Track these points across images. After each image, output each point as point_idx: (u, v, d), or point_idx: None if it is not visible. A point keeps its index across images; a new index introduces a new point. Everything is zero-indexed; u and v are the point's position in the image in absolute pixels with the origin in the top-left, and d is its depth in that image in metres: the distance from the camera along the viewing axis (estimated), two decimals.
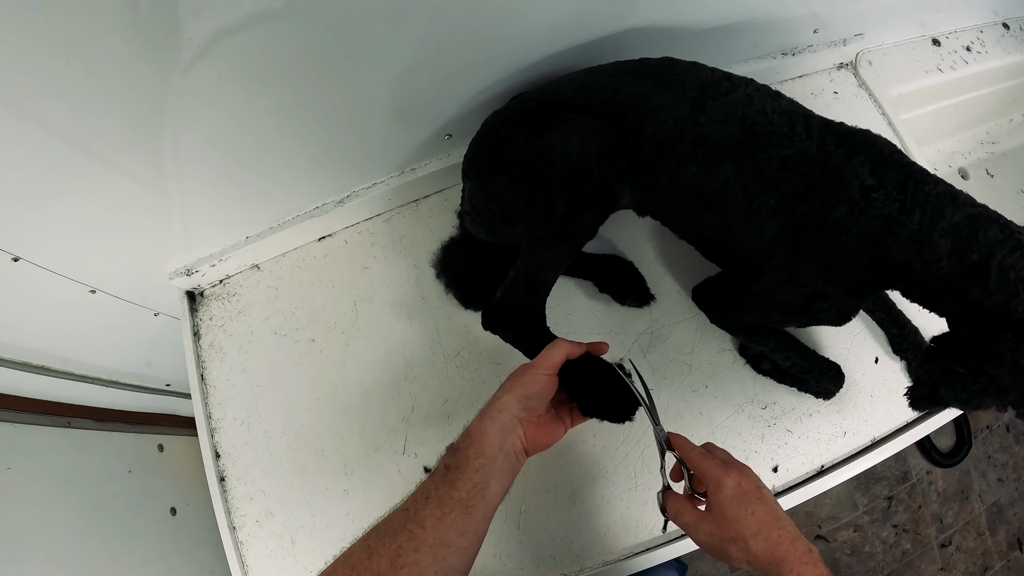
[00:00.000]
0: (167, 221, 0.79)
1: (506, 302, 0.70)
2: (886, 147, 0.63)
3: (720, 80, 0.67)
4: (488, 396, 0.60)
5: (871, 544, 1.44)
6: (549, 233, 0.66)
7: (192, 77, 0.58)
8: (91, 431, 1.12)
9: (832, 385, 0.78)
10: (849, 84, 1.02)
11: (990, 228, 0.56)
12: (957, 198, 0.59)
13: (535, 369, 0.58)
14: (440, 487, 0.52)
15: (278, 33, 0.57)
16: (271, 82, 0.63)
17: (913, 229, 0.58)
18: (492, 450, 0.54)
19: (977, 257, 0.55)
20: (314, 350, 0.85)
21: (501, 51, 0.73)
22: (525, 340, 0.71)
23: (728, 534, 0.51)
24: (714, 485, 0.53)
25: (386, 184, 0.85)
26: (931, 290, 0.60)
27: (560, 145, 0.64)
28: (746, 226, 0.66)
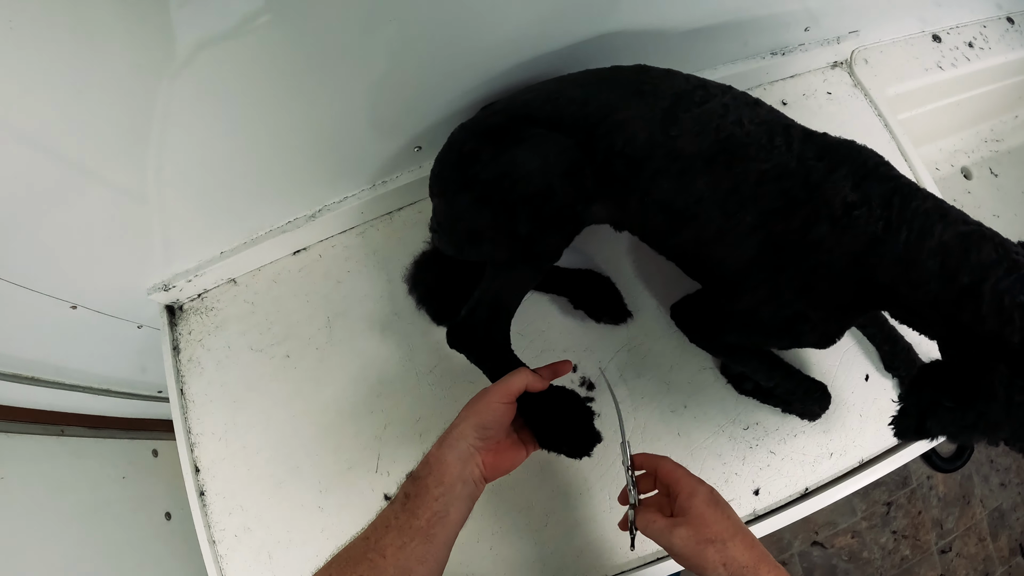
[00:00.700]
0: (142, 237, 0.77)
1: (470, 322, 0.66)
2: (871, 159, 0.57)
3: (694, 89, 0.61)
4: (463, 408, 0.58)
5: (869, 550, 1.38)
6: (511, 255, 0.62)
7: (167, 93, 0.56)
8: (84, 438, 1.10)
9: (818, 407, 0.73)
10: (843, 84, 0.95)
11: (983, 248, 0.50)
12: (948, 215, 0.53)
13: (490, 397, 0.56)
14: (400, 515, 0.51)
15: (249, 51, 0.55)
16: (239, 99, 0.60)
17: (899, 249, 0.52)
18: (451, 478, 0.52)
19: (968, 280, 0.49)
20: (289, 366, 0.82)
21: (468, 61, 0.68)
22: (488, 362, 0.67)
23: (706, 535, 0.50)
24: (689, 491, 0.52)
25: (358, 198, 0.81)
26: (919, 313, 0.54)
27: (523, 164, 0.59)
28: (723, 244, 0.61)
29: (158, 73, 0.54)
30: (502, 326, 0.66)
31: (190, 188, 0.71)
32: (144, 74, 0.53)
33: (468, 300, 0.70)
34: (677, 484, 0.54)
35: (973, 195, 1.16)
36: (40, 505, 0.99)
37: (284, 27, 0.54)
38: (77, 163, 0.61)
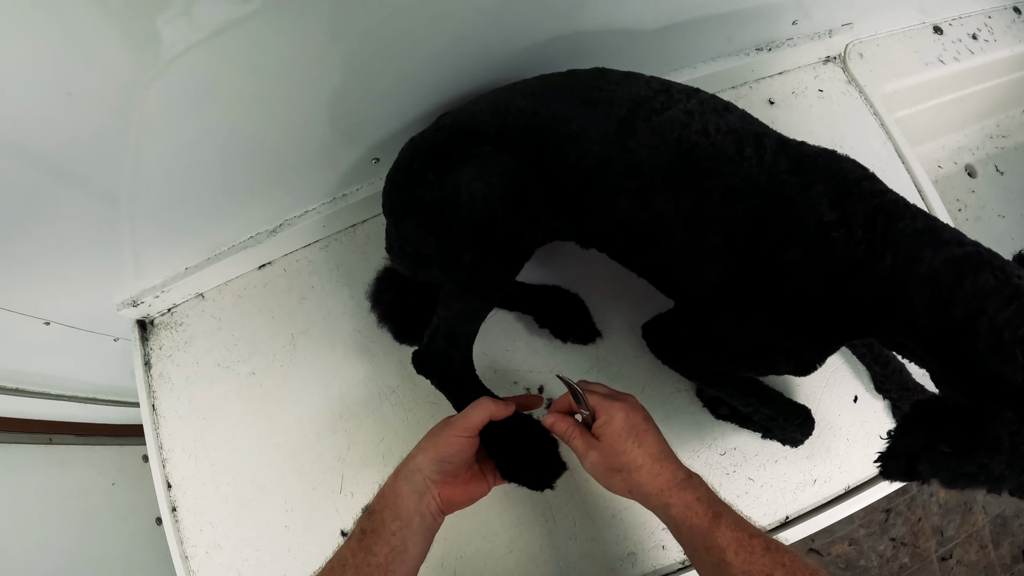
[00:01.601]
0: (109, 254, 0.73)
1: (432, 350, 0.61)
2: (852, 172, 0.49)
3: (655, 95, 0.54)
4: (422, 436, 0.54)
5: (867, 558, 1.30)
6: (459, 286, 0.56)
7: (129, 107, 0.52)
8: (73, 446, 1.08)
9: (799, 433, 0.65)
10: (836, 80, 0.86)
11: (980, 274, 0.41)
12: (939, 236, 0.45)
13: (451, 430, 0.52)
14: (357, 553, 0.48)
15: (207, 68, 0.51)
16: (196, 114, 0.56)
17: (883, 277, 0.44)
18: (408, 511, 0.49)
19: (962, 313, 0.41)
20: (254, 383, 0.78)
21: (421, 67, 0.62)
22: (451, 389, 0.61)
23: (613, 464, 0.49)
24: (605, 418, 0.51)
25: (318, 212, 0.76)
26: (908, 348, 0.47)
27: (465, 188, 0.53)
28: (688, 267, 0.54)
29: (123, 88, 0.50)
30: (462, 354, 0.61)
31: (151, 205, 0.67)
32: (104, 90, 0.50)
33: (428, 317, 0.64)
34: (596, 409, 0.52)
35: (977, 194, 1.06)
36: (30, 514, 0.97)
37: (241, 44, 0.50)
38: (46, 173, 0.57)
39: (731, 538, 0.46)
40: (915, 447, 0.42)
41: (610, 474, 0.49)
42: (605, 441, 0.50)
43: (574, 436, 0.52)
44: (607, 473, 0.50)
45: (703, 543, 0.47)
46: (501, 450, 0.55)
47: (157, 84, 0.51)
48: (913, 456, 0.42)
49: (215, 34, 0.48)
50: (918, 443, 0.42)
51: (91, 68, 0.47)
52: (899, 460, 0.44)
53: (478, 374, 0.63)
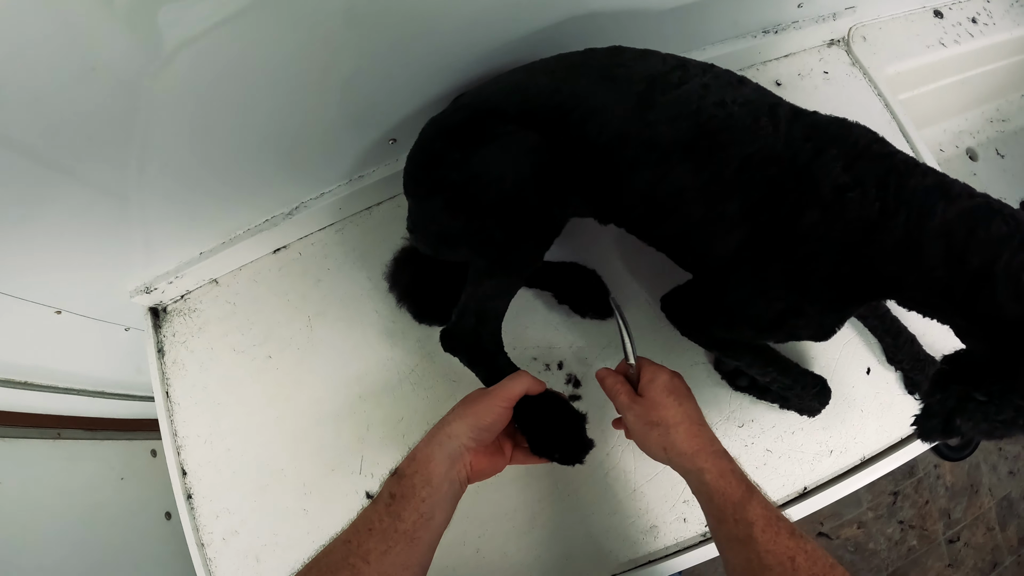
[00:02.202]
0: (123, 240, 0.73)
1: (460, 328, 0.62)
2: (863, 137, 0.51)
3: (672, 70, 0.56)
4: (443, 414, 0.55)
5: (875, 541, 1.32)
6: (490, 263, 0.57)
7: (144, 96, 0.53)
8: (81, 441, 1.08)
9: (817, 402, 0.67)
10: (841, 63, 0.88)
11: (992, 222, 0.43)
12: (950, 190, 0.46)
13: (492, 400, 0.53)
14: (384, 518, 0.48)
15: (222, 51, 0.52)
16: (212, 98, 0.57)
17: (899, 234, 0.46)
18: (439, 478, 0.49)
19: (979, 261, 0.43)
20: (271, 367, 0.78)
21: (438, 49, 0.63)
22: (481, 366, 0.62)
23: (652, 418, 0.51)
24: (649, 376, 0.54)
25: (334, 194, 0.77)
26: (929, 303, 0.48)
27: (492, 167, 0.54)
28: (708, 235, 0.55)
29: (135, 76, 0.51)
30: (492, 330, 0.62)
31: (165, 189, 0.67)
32: (120, 78, 0.50)
33: (450, 295, 0.66)
34: (642, 370, 0.56)
35: (979, 177, 1.09)
36: (38, 509, 0.97)
37: (256, 26, 0.51)
38: (53, 166, 0.57)
39: (761, 515, 0.47)
40: (950, 402, 0.43)
41: (648, 428, 0.51)
42: (648, 396, 0.53)
43: (620, 392, 0.55)
44: (646, 427, 0.52)
45: (733, 514, 0.47)
46: (533, 426, 0.57)
47: (170, 67, 0.51)
48: (949, 412, 0.43)
49: (229, 17, 0.49)
50: (952, 397, 0.44)
51: (107, 47, 0.47)
52: (936, 418, 0.45)
53: None
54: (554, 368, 0.72)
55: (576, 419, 0.58)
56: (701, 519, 0.68)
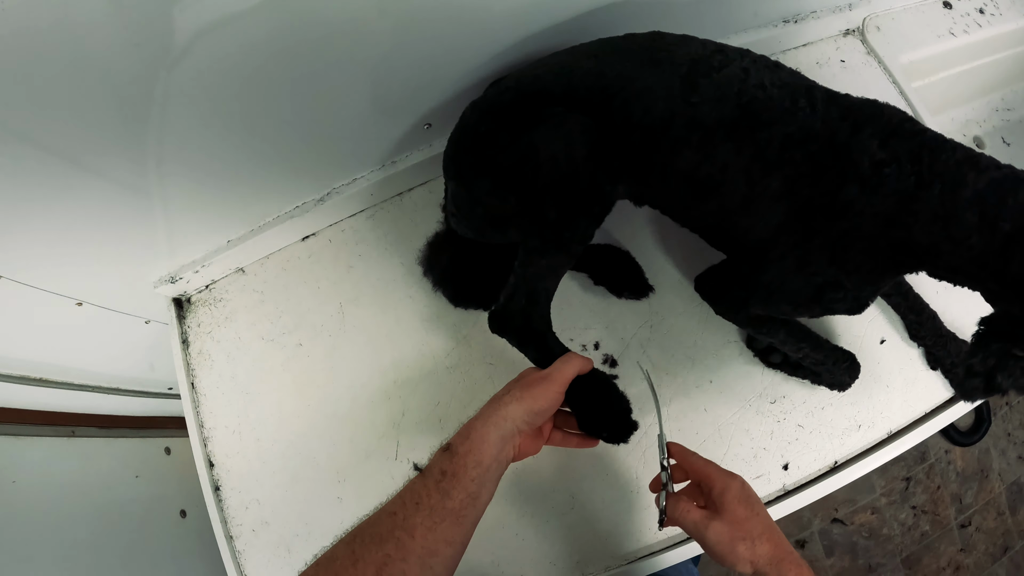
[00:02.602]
0: (148, 229, 0.74)
1: (510, 309, 0.64)
2: (895, 116, 0.55)
3: (712, 54, 0.59)
4: (480, 398, 0.56)
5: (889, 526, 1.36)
6: (543, 242, 0.59)
7: (173, 78, 0.53)
8: (96, 439, 1.08)
9: (847, 376, 0.70)
10: (857, 52, 0.92)
11: (1020, 190, 0.47)
12: (979, 162, 0.50)
13: (550, 384, 0.54)
14: (433, 495, 0.48)
15: (251, 34, 0.52)
16: (240, 83, 0.57)
17: (935, 204, 0.50)
18: (489, 458, 0.50)
19: (1010, 226, 0.46)
20: (301, 355, 0.79)
21: (476, 34, 0.65)
22: (531, 347, 0.64)
23: (739, 533, 0.49)
24: (721, 486, 0.52)
25: (367, 179, 0.79)
26: (964, 271, 0.51)
27: (545, 147, 0.56)
28: (749, 213, 0.58)
29: (156, 62, 0.52)
30: (542, 311, 0.64)
31: (193, 177, 0.69)
32: (142, 64, 0.51)
33: (487, 279, 0.68)
34: (709, 479, 0.53)
35: (993, 157, 1.13)
36: (53, 507, 0.96)
37: (287, 8, 0.52)
38: (74, 158, 0.59)
39: None
40: (991, 360, 0.46)
41: (736, 543, 0.49)
42: (727, 509, 0.50)
43: (690, 511, 0.52)
44: (733, 543, 0.49)
45: None
46: (583, 405, 0.59)
47: (193, 56, 0.52)
48: (991, 369, 0.46)
49: (265, 5, 0.50)
50: (992, 356, 0.47)
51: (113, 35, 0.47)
52: (977, 377, 0.48)
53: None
54: (591, 349, 0.74)
55: (622, 400, 0.61)
56: None
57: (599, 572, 0.69)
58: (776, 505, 0.69)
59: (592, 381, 0.59)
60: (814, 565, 1.36)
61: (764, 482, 0.70)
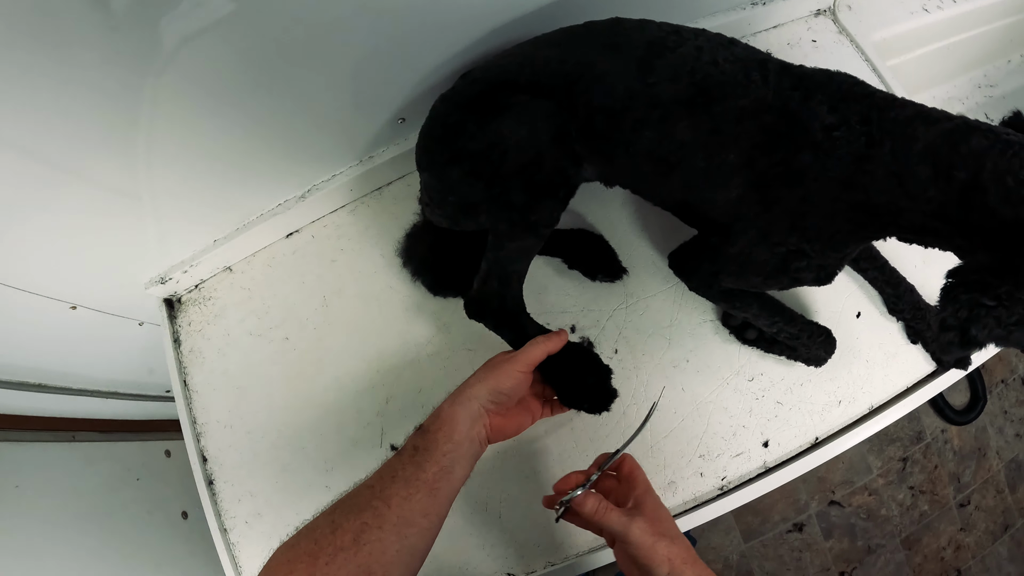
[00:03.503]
0: (138, 232, 0.76)
1: (484, 293, 0.65)
2: (846, 82, 0.55)
3: (667, 35, 0.60)
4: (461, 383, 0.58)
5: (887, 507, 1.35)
6: (511, 226, 0.61)
7: (150, 86, 0.55)
8: (96, 443, 1.09)
9: (823, 351, 0.70)
10: (828, 31, 0.92)
11: (972, 137, 0.46)
12: (929, 116, 0.50)
13: (512, 365, 0.56)
14: (408, 467, 0.51)
15: (227, 37, 0.54)
16: (220, 86, 0.59)
17: (888, 161, 0.50)
18: (460, 435, 0.53)
19: (966, 174, 0.46)
20: (288, 348, 0.81)
21: (445, 29, 0.66)
22: (506, 329, 0.66)
23: (660, 530, 0.51)
24: (645, 487, 0.54)
25: (345, 175, 0.80)
26: (928, 228, 0.50)
27: (511, 133, 0.58)
28: (710, 187, 0.59)
29: (140, 68, 0.53)
30: (515, 293, 0.65)
31: (179, 179, 0.70)
32: (125, 71, 0.53)
33: (464, 267, 0.68)
34: (635, 479, 0.55)
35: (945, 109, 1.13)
36: (55, 512, 0.98)
37: (260, 12, 0.53)
38: (61, 164, 0.60)
39: None
40: (962, 313, 0.45)
41: (656, 540, 0.50)
42: (649, 507, 0.52)
43: (609, 509, 0.52)
44: (654, 539, 0.50)
45: None
46: (559, 379, 0.61)
47: (176, 61, 0.53)
48: (964, 323, 0.45)
49: (235, 10, 0.51)
50: (964, 308, 0.45)
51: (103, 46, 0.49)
52: (951, 331, 0.46)
53: None
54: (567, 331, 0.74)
55: (600, 370, 0.62)
56: (717, 472, 0.71)
57: (583, 552, 0.69)
58: (758, 482, 0.69)
59: (568, 355, 0.61)
60: (812, 548, 1.36)
61: (744, 460, 0.71)
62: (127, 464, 1.14)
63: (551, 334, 0.61)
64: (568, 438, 0.72)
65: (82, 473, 1.06)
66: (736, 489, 0.70)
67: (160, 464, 1.19)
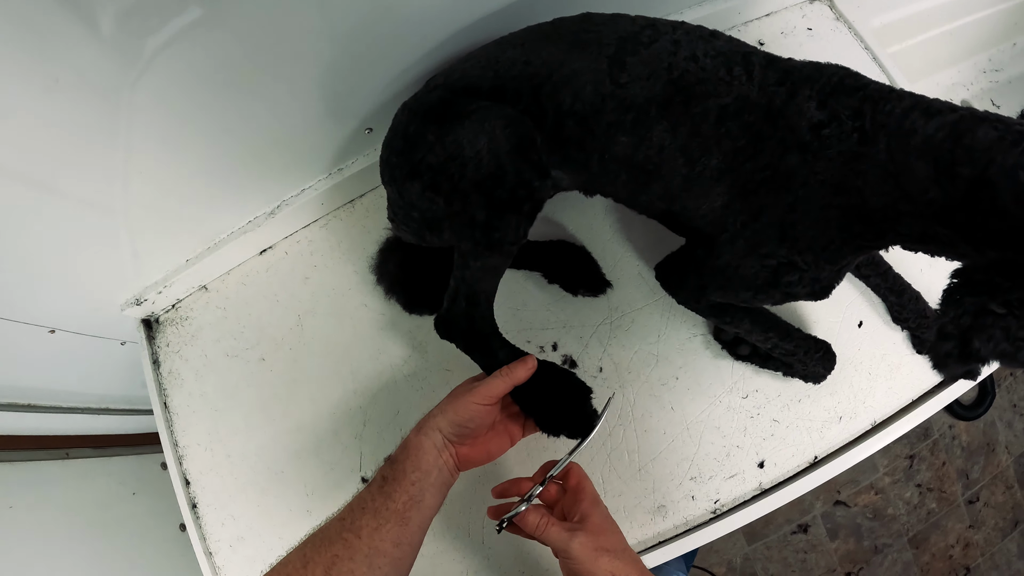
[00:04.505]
0: (107, 255, 0.72)
1: (453, 312, 0.59)
2: (836, 74, 0.48)
3: (641, 30, 0.52)
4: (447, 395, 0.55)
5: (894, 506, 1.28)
6: (474, 244, 0.54)
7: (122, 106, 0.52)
8: (90, 459, 1.06)
9: (822, 367, 0.63)
10: (824, 18, 0.84)
11: (978, 129, 0.39)
12: (930, 107, 0.43)
13: (471, 397, 0.53)
14: (377, 498, 0.50)
15: (185, 55, 0.50)
16: (181, 103, 0.55)
17: (882, 159, 0.42)
18: (428, 464, 0.51)
19: (971, 170, 0.38)
20: (264, 369, 0.76)
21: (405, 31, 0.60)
22: (476, 352, 0.60)
23: (603, 544, 0.49)
24: (592, 499, 0.52)
25: (315, 188, 0.74)
26: (931, 234, 0.43)
27: (469, 144, 0.51)
28: (692, 195, 0.52)
29: (112, 89, 0.50)
30: (483, 312, 0.59)
31: (145, 199, 0.66)
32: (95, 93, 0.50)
33: (437, 283, 0.63)
34: (582, 491, 0.52)
35: (947, 100, 1.05)
36: (51, 530, 0.95)
37: (219, 27, 0.49)
38: (35, 183, 0.56)
39: None
40: (965, 320, 0.38)
41: (599, 554, 0.48)
42: (593, 521, 0.49)
43: (551, 523, 0.50)
44: (596, 553, 0.48)
45: None
46: (535, 406, 0.56)
47: (141, 80, 0.50)
48: (965, 331, 0.38)
49: (198, 20, 0.47)
50: (967, 314, 0.38)
51: (68, 68, 0.46)
52: (950, 340, 0.39)
53: None
54: (548, 350, 0.68)
55: (578, 391, 0.57)
56: (709, 496, 0.65)
57: None
58: (752, 505, 0.63)
59: (542, 379, 0.55)
60: (818, 549, 1.29)
61: (739, 481, 0.64)
62: (122, 479, 1.10)
63: (516, 363, 0.54)
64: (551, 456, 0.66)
65: (76, 490, 1.03)
66: (730, 512, 0.64)
67: (155, 477, 1.15)
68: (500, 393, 0.53)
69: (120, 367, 0.98)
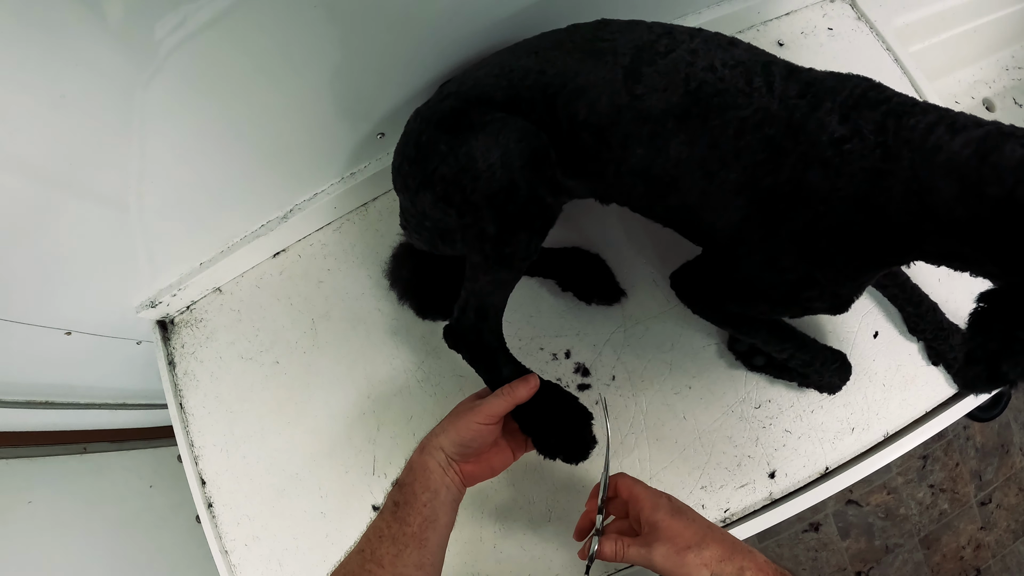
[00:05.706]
0: (122, 258, 0.73)
1: (461, 324, 0.59)
2: (859, 86, 0.47)
3: (658, 39, 0.51)
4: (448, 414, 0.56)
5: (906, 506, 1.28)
6: (484, 258, 0.54)
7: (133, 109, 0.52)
8: (108, 453, 1.08)
9: (837, 378, 0.63)
10: (846, 17, 0.82)
11: (1005, 146, 0.38)
12: (955, 122, 0.42)
13: (472, 416, 0.53)
14: (392, 524, 0.50)
15: (199, 59, 0.51)
16: (195, 107, 0.56)
17: (906, 176, 0.42)
18: (436, 483, 0.51)
19: (998, 189, 0.38)
20: (279, 372, 0.77)
21: (420, 36, 0.60)
22: (482, 366, 0.60)
23: (682, 544, 0.48)
24: (652, 504, 0.50)
25: (327, 193, 0.74)
26: (956, 252, 0.43)
27: (482, 157, 0.50)
28: (710, 208, 0.52)
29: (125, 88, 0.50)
30: (492, 326, 0.59)
31: (159, 203, 0.66)
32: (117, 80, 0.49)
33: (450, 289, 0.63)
34: (637, 501, 0.51)
35: (974, 115, 1.03)
36: (70, 524, 0.97)
37: (238, 31, 0.49)
38: (52, 185, 0.57)
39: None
40: (993, 345, 0.38)
41: (683, 555, 0.47)
42: (662, 526, 0.48)
43: (628, 545, 0.50)
44: (680, 556, 0.47)
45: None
46: (534, 427, 0.55)
47: (154, 82, 0.50)
48: (994, 356, 0.38)
49: (210, 24, 0.47)
50: (995, 340, 0.38)
51: (83, 70, 0.46)
52: (979, 365, 0.40)
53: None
54: (561, 357, 0.69)
55: (578, 415, 0.56)
56: (719, 504, 0.65)
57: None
58: (763, 515, 0.63)
59: (542, 401, 0.55)
60: (829, 548, 1.30)
61: (749, 491, 0.64)
62: (139, 472, 1.12)
63: (518, 382, 0.54)
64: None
65: (94, 484, 1.05)
66: (740, 522, 0.64)
67: (172, 470, 1.17)
68: (501, 413, 0.53)
69: (136, 364, 1.00)
